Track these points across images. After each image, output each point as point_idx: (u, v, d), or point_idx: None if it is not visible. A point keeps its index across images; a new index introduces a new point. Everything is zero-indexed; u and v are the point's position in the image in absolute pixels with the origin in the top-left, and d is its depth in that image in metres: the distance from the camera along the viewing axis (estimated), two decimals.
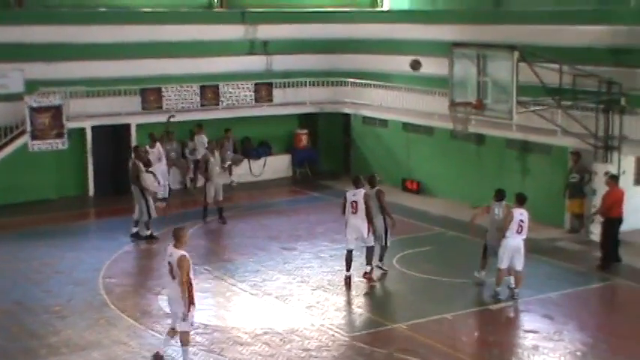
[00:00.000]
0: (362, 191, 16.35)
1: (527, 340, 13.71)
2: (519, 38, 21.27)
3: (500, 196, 16.01)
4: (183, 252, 12.01)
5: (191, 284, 12.00)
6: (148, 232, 19.48)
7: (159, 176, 21.73)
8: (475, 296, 15.94)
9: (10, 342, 13.65)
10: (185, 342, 12.34)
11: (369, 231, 16.26)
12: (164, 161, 22.88)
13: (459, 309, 15.13)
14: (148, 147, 22.31)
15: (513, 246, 15.28)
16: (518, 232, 15.26)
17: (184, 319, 12.06)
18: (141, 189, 19.28)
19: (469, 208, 17.17)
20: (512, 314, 15.04)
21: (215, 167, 21.10)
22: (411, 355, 13.10)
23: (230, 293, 16.06)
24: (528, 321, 14.57)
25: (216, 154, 21.52)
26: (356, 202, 16.27)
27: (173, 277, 12.04)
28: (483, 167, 22.09)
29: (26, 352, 13.27)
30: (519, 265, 15.41)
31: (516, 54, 18.17)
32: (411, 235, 19.20)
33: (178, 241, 12.12)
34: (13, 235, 20.16)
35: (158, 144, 22.80)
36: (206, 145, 24.16)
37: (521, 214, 15.32)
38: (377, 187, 16.83)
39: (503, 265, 15.41)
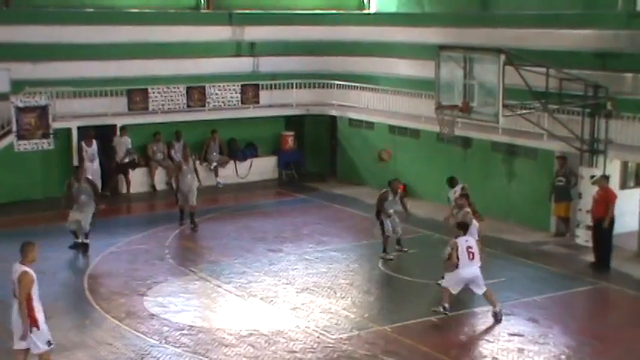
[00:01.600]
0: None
1: (512, 344, 13.73)
2: (506, 41, 21.40)
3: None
4: (26, 268, 11.35)
5: (31, 304, 11.26)
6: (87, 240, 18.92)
7: (90, 174, 21.71)
8: (459, 299, 15.93)
9: None
10: None
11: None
12: (97, 161, 23.49)
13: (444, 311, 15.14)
14: (84, 145, 23.35)
15: (468, 276, 14.52)
16: (471, 259, 14.47)
17: (24, 338, 11.37)
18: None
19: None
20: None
21: (187, 174, 20.61)
22: (396, 357, 13.12)
23: (215, 294, 16.03)
24: (513, 324, 14.58)
25: (190, 160, 21.01)
26: None
27: (15, 295, 11.36)
28: (469, 170, 22.11)
29: (9, 353, 13.16)
30: (480, 290, 14.68)
31: (503, 57, 18.22)
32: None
33: (24, 257, 11.45)
34: None
35: (95, 142, 23.61)
36: (129, 146, 24.53)
37: (466, 240, 14.56)
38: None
39: (455, 291, 14.66)
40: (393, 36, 26.77)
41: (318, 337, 13.91)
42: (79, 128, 24.03)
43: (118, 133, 24.50)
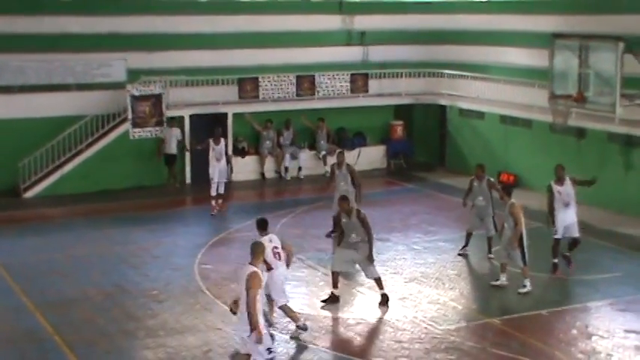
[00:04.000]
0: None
1: (628, 341, 13.23)
2: (625, 29, 20.58)
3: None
4: (256, 269, 10.84)
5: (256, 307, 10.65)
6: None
7: (216, 174, 21.04)
8: (572, 293, 15.56)
9: (111, 323, 14.01)
10: None
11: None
12: (224, 160, 21.33)
13: (555, 305, 14.79)
14: (212, 143, 21.18)
15: (283, 276, 13.48)
16: (279, 260, 13.34)
17: (258, 341, 10.66)
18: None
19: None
20: (611, 313, 14.53)
21: (340, 181, 18.50)
22: (505, 350, 12.85)
23: (323, 283, 16.05)
24: (630, 320, 14.06)
25: (343, 167, 18.56)
26: None
27: (242, 297, 10.86)
28: (584, 162, 21.47)
29: (125, 334, 13.59)
30: (280, 298, 13.51)
31: (622, 45, 17.63)
32: None
33: (254, 257, 11.06)
34: (111, 220, 20.70)
35: (222, 141, 21.36)
36: (179, 138, 23.64)
37: (270, 240, 13.34)
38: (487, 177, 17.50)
39: (282, 299, 13.48)
40: (505, 24, 26.21)
41: (426, 328, 13.77)
42: (190, 116, 24.54)
43: (165, 124, 23.91)
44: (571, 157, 21.94)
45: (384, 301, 14.76)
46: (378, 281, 14.90)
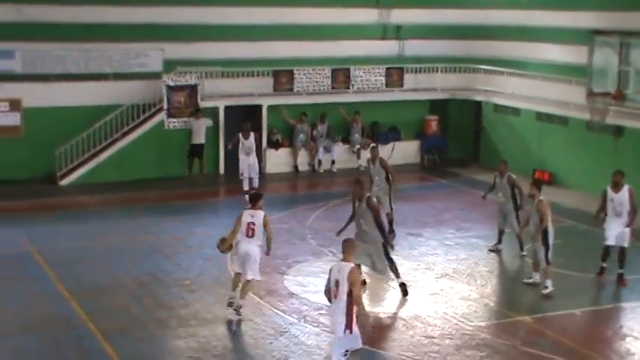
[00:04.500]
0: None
1: None
2: None
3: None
4: (354, 264, 10.74)
5: (353, 305, 10.54)
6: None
7: (246, 169, 21.19)
8: (607, 293, 15.42)
9: (144, 312, 14.15)
10: None
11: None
12: (253, 154, 21.44)
13: (588, 305, 14.73)
14: (241, 137, 21.23)
15: (243, 251, 13.58)
16: (249, 236, 13.49)
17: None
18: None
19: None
20: None
21: (374, 177, 18.20)
22: (537, 348, 12.78)
23: None
24: None
25: (377, 162, 18.24)
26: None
27: (334, 297, 10.72)
28: (621, 160, 21.16)
29: (158, 322, 13.71)
30: (250, 274, 13.57)
31: None
32: None
33: (347, 255, 10.80)
34: (145, 209, 20.86)
35: (252, 135, 21.46)
36: (210, 126, 23.71)
37: (252, 215, 13.53)
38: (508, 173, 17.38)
39: (237, 269, 13.74)
40: (543, 20, 25.97)
41: (457, 324, 13.73)
42: (225, 107, 24.62)
43: (199, 113, 23.85)
44: (608, 155, 21.74)
45: (403, 290, 14.87)
46: (394, 271, 14.99)
